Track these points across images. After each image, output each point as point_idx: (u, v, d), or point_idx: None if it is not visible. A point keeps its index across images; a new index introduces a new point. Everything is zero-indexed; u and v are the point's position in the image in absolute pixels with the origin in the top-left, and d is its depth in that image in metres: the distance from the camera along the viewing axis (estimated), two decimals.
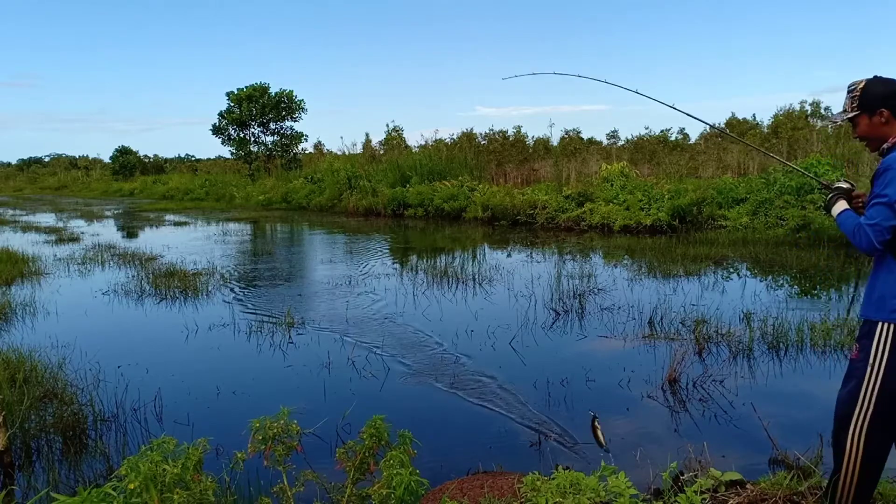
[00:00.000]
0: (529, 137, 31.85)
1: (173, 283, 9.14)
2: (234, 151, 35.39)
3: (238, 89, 33.82)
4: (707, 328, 6.10)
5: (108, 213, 25.77)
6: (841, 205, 2.62)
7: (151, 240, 15.42)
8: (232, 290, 8.99)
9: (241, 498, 2.99)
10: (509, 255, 11.78)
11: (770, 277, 9.00)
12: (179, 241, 14.80)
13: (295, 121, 34.94)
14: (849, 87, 2.57)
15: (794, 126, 23.54)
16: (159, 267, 10.70)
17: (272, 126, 34.61)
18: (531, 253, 11.98)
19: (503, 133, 32.07)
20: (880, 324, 2.47)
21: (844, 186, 2.70)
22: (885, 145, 2.51)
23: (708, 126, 3.68)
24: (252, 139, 34.65)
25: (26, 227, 19.86)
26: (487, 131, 31.93)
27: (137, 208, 27.94)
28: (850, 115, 2.56)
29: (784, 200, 12.82)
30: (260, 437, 2.56)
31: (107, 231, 18.38)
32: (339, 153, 31.18)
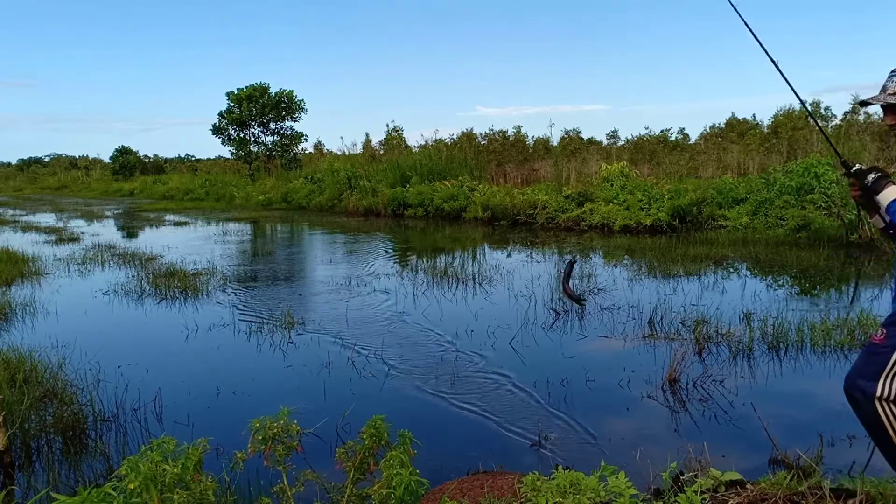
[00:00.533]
0: (529, 137, 31.84)
1: (173, 283, 9.14)
2: (234, 151, 35.39)
3: (238, 89, 33.84)
4: (707, 328, 6.10)
5: (108, 213, 25.77)
6: (893, 190, 2.40)
7: (151, 240, 15.43)
8: (232, 290, 8.99)
9: (242, 498, 2.99)
10: (509, 255, 11.78)
11: (770, 277, 9.00)
12: (179, 241, 14.80)
13: (295, 121, 34.97)
14: None
15: (794, 126, 23.56)
16: (159, 267, 10.70)
17: (272, 126, 34.61)
18: (531, 253, 11.98)
19: (503, 133, 32.06)
20: None
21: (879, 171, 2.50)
22: None
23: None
24: (252, 139, 34.65)
25: (26, 227, 19.86)
26: (487, 131, 31.92)
27: (137, 208, 27.95)
28: None
29: (784, 200, 12.82)
30: (260, 437, 2.56)
31: (107, 231, 18.38)
32: (339, 153, 31.19)
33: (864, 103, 2.51)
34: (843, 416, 4.28)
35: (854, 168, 2.55)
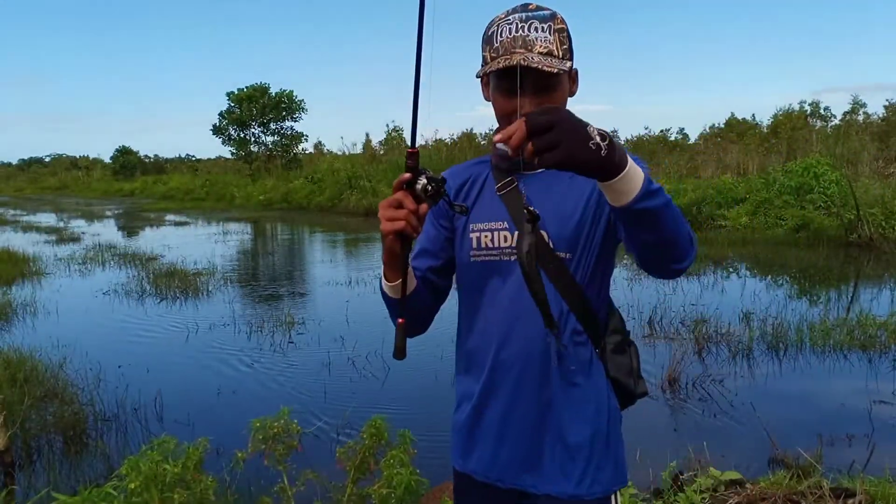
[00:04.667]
0: None
1: (174, 283, 9.14)
2: (234, 151, 35.36)
3: (238, 89, 33.81)
4: (707, 328, 6.10)
5: (108, 214, 25.78)
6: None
7: (152, 240, 15.43)
8: (232, 289, 8.99)
9: (242, 497, 3.00)
10: None
11: (770, 277, 9.01)
12: (180, 241, 14.80)
13: (295, 121, 34.93)
14: None
15: (793, 126, 23.55)
16: (160, 267, 10.71)
17: (272, 126, 34.60)
18: None
19: None
20: (615, 496, 1.46)
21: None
22: None
23: None
24: (252, 139, 34.64)
25: (27, 227, 19.87)
26: (487, 131, 31.92)
27: (138, 208, 27.95)
28: None
29: (783, 200, 12.82)
30: (260, 437, 2.56)
31: (107, 231, 18.39)
32: (339, 153, 31.18)
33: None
34: (843, 416, 4.30)
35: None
